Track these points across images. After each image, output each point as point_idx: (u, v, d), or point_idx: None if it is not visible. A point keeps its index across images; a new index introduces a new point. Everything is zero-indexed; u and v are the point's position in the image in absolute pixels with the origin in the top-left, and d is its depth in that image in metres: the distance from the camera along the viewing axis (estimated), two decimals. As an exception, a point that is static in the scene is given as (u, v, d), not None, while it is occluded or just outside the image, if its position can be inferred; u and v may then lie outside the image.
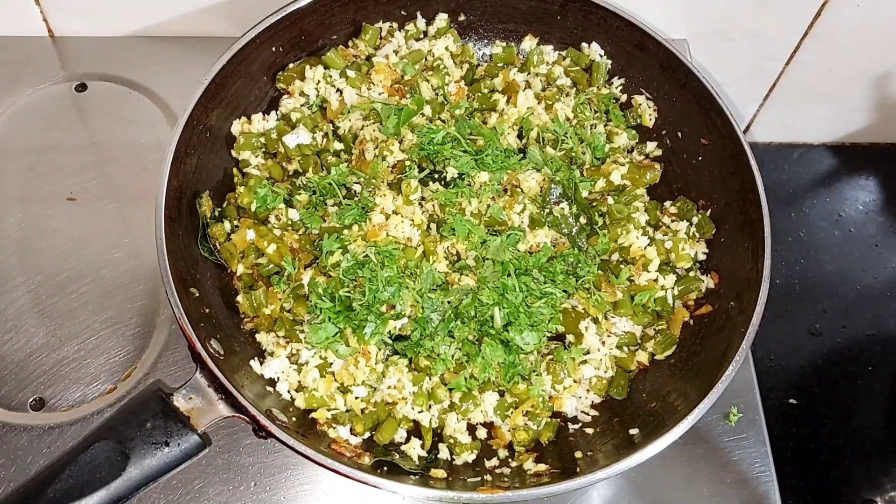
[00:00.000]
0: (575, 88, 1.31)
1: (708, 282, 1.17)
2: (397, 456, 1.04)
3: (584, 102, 1.27)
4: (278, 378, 1.07)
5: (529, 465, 1.05)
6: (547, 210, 1.17)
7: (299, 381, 1.08)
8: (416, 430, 1.09)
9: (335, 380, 1.07)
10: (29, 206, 1.28)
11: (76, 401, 1.12)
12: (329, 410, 1.06)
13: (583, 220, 1.18)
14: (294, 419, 1.04)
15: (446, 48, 1.31)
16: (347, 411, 1.07)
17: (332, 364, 1.08)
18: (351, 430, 1.06)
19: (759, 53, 1.50)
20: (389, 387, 1.07)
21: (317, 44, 1.28)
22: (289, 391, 1.07)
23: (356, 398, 1.07)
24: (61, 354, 1.15)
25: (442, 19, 1.32)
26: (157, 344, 1.17)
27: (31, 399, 1.12)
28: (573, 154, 1.23)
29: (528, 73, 1.31)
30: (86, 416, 1.11)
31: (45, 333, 1.17)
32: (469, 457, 1.07)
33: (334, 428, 1.05)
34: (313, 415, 1.05)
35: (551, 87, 1.30)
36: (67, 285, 1.21)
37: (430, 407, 1.09)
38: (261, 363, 1.07)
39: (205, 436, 0.93)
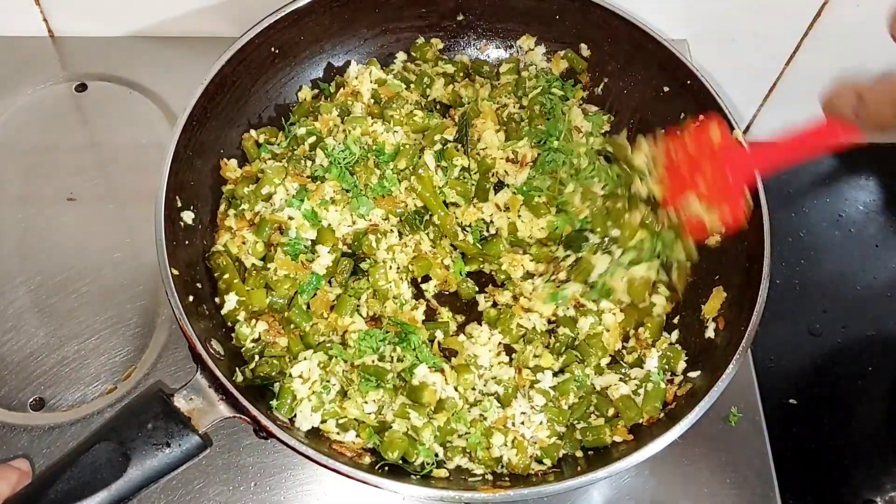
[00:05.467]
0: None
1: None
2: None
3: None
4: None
5: (531, 465, 1.05)
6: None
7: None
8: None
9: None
10: (29, 206, 1.28)
11: (76, 401, 1.12)
12: (337, 420, 1.04)
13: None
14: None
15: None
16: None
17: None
18: (357, 435, 1.04)
19: (759, 53, 1.50)
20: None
21: (316, 44, 1.28)
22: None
23: (367, 413, 1.05)
24: (61, 354, 1.15)
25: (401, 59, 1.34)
26: (157, 344, 1.17)
27: (31, 399, 1.12)
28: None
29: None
30: (86, 417, 1.11)
31: (45, 333, 1.17)
32: (461, 460, 1.05)
33: (339, 433, 1.04)
34: (321, 427, 1.03)
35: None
36: (67, 285, 1.21)
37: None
38: None
39: (206, 436, 0.93)
